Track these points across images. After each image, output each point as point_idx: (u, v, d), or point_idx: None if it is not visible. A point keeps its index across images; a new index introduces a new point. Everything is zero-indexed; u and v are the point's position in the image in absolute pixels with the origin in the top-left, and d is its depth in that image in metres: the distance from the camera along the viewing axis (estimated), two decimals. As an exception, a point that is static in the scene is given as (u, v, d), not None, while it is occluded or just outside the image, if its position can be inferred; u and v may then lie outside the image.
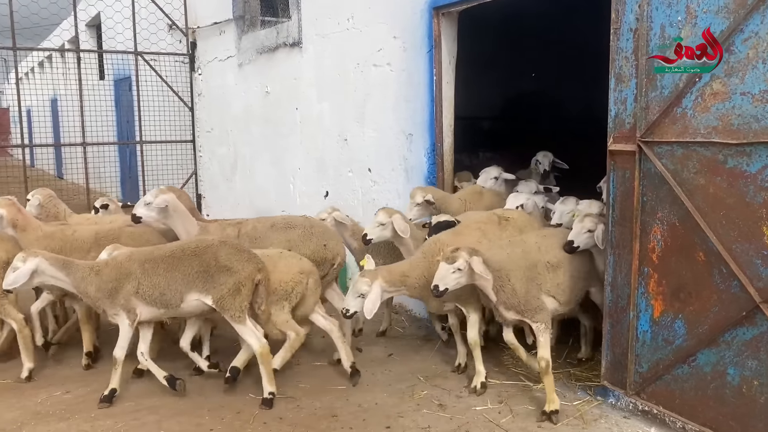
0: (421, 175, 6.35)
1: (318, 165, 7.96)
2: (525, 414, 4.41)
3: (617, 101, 4.21)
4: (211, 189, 11.11)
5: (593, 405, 4.51)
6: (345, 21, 7.16)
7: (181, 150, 11.43)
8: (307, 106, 8.08)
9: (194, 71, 11.08)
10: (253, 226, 5.43)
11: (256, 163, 9.54)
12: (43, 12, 10.66)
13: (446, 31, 6.01)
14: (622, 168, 4.24)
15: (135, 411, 4.48)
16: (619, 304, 4.37)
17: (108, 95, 14.54)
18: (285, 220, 5.50)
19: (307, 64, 7.97)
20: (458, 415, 4.39)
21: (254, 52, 9.14)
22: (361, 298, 4.38)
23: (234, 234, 5.35)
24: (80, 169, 11.25)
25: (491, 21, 7.64)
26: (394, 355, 5.55)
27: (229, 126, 10.17)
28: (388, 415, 4.42)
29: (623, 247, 4.29)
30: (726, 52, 3.61)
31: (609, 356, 4.50)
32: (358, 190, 7.21)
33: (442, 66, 6.04)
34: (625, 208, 4.24)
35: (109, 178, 14.77)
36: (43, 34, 19.66)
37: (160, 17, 10.90)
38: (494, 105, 11.26)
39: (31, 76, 24.46)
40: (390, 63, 6.59)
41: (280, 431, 4.23)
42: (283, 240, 5.27)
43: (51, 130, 20.88)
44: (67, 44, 18.19)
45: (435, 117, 6.13)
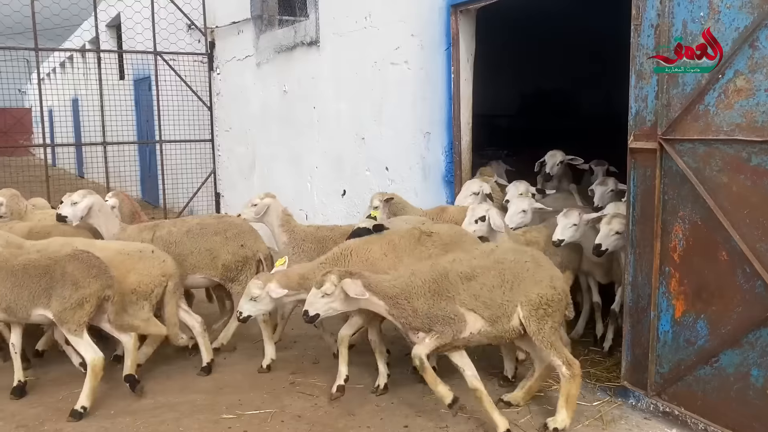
0: (439, 174, 6.33)
1: (335, 164, 7.96)
2: (544, 414, 4.37)
3: (638, 98, 4.16)
4: (229, 188, 11.17)
5: (613, 406, 4.46)
6: (362, 19, 7.15)
7: (200, 149, 11.51)
8: (325, 104, 8.08)
9: (213, 71, 11.15)
10: (168, 231, 5.43)
11: (274, 161, 9.57)
12: (64, 13, 10.78)
13: (464, 29, 5.98)
14: (643, 166, 4.19)
15: (154, 408, 4.52)
16: (639, 303, 4.32)
17: (128, 95, 14.69)
18: (200, 226, 5.46)
19: (325, 63, 7.98)
20: (477, 415, 4.36)
21: (272, 51, 9.17)
22: (253, 301, 4.37)
23: (148, 238, 5.36)
24: (101, 168, 11.37)
25: (510, 18, 7.59)
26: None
27: (247, 125, 10.22)
28: (406, 414, 4.40)
29: (644, 246, 4.23)
30: (750, 48, 3.55)
31: (629, 356, 4.44)
32: (376, 188, 7.19)
33: (460, 64, 6.01)
34: (646, 207, 4.18)
35: (129, 177, 14.91)
36: (64, 35, 19.91)
37: (179, 17, 10.98)
38: (512, 103, 11.21)
39: (52, 77, 24.77)
40: (408, 61, 6.58)
41: (298, 429, 4.23)
42: (201, 247, 5.31)
43: (72, 130, 21.15)
44: (87, 45, 18.41)
45: (453, 115, 6.10)
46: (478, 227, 4.91)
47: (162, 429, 4.25)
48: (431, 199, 6.36)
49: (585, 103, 11.28)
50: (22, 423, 4.34)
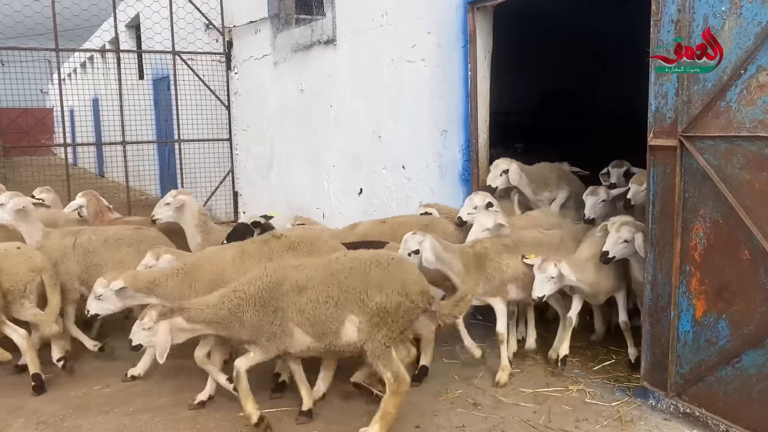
0: (456, 172, 6.30)
1: (352, 162, 7.96)
2: (561, 414, 4.34)
3: (658, 95, 4.10)
4: (247, 186, 11.22)
5: (632, 406, 4.41)
6: (379, 17, 7.14)
7: (218, 148, 11.57)
8: (342, 103, 8.08)
9: (230, 70, 11.20)
10: (88, 238, 5.41)
11: (291, 160, 9.59)
12: (84, 14, 10.90)
13: (481, 26, 5.94)
14: (663, 164, 4.13)
15: (172, 406, 4.55)
16: (659, 303, 4.26)
17: (147, 95, 14.81)
18: (116, 236, 5.44)
19: (342, 62, 7.98)
20: (493, 415, 4.34)
21: (289, 50, 9.19)
22: (98, 300, 4.42)
23: (70, 244, 5.35)
24: (120, 167, 11.47)
25: (527, 14, 7.53)
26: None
27: (264, 124, 10.25)
28: (422, 414, 4.39)
29: (664, 244, 4.17)
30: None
31: (649, 356, 4.39)
32: (392, 186, 7.19)
33: (478, 61, 5.98)
34: (666, 205, 4.13)
35: (148, 176, 15.03)
36: (84, 36, 20.14)
37: (197, 17, 11.04)
38: (530, 100, 11.12)
39: (73, 77, 25.06)
40: (424, 59, 6.55)
41: (314, 428, 4.23)
42: (114, 257, 5.28)
43: (92, 130, 21.39)
44: (107, 45, 18.58)
45: (470, 113, 6.07)
46: (413, 259, 4.59)
47: (180, 426, 4.28)
48: (448, 197, 6.34)
49: (603, 101, 11.16)
50: (42, 419, 4.40)
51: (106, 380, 5.00)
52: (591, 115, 10.60)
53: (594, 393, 4.63)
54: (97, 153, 21.44)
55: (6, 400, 4.67)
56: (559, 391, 4.68)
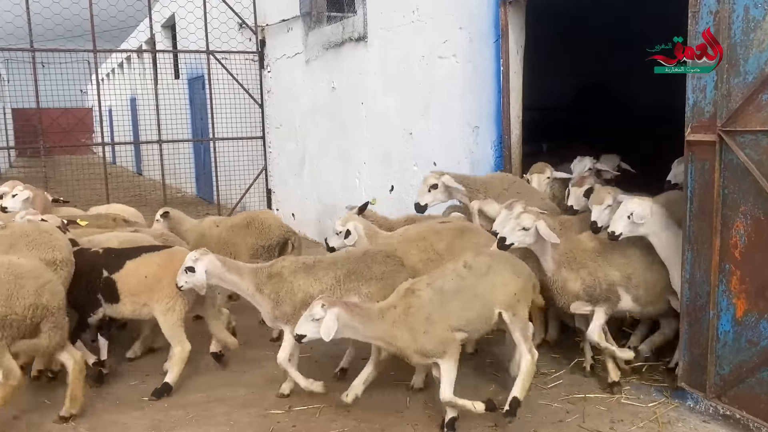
0: (488, 168, 6.24)
1: (383, 159, 7.95)
2: (596, 415, 4.26)
3: (696, 89, 3.99)
4: (280, 184, 11.31)
5: (669, 407, 4.30)
6: (410, 14, 7.11)
7: (251, 146, 11.69)
8: (373, 100, 8.08)
9: (263, 68, 11.29)
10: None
11: (322, 158, 9.63)
12: (120, 15, 11.11)
13: (513, 21, 5.87)
14: (701, 159, 4.02)
15: (206, 402, 4.60)
16: (697, 302, 4.15)
17: (182, 94, 15.03)
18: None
19: (373, 59, 7.97)
20: (527, 415, 4.28)
21: (321, 48, 9.22)
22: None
23: None
24: (157, 165, 11.68)
25: (560, 7, 7.40)
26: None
27: (297, 122, 10.31)
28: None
29: (702, 242, 4.06)
30: (818, 33, 3.35)
31: (687, 357, 4.28)
32: (424, 184, 7.15)
33: (510, 56, 5.91)
34: (705, 202, 4.01)
35: (184, 174, 15.25)
36: (121, 37, 20.53)
37: (230, 16, 11.16)
38: (563, 95, 10.95)
39: (111, 77, 25.58)
40: (456, 54, 6.50)
41: (346, 425, 4.24)
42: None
43: (130, 129, 21.81)
44: (144, 45, 18.91)
45: (502, 108, 6.00)
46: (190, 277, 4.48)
47: (213, 422, 4.33)
48: (480, 194, 6.27)
49: (639, 95, 10.92)
50: (80, 413, 4.49)
51: (142, 377, 5.08)
52: (627, 109, 10.39)
53: (630, 393, 4.53)
54: (134, 151, 21.86)
55: (46, 394, 4.79)
56: (593, 391, 4.60)
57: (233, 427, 4.20)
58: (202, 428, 4.26)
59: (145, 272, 4.68)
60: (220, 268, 4.44)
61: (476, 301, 4.01)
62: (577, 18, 8.65)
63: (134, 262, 4.72)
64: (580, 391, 4.61)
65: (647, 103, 10.30)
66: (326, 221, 9.69)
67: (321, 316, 3.77)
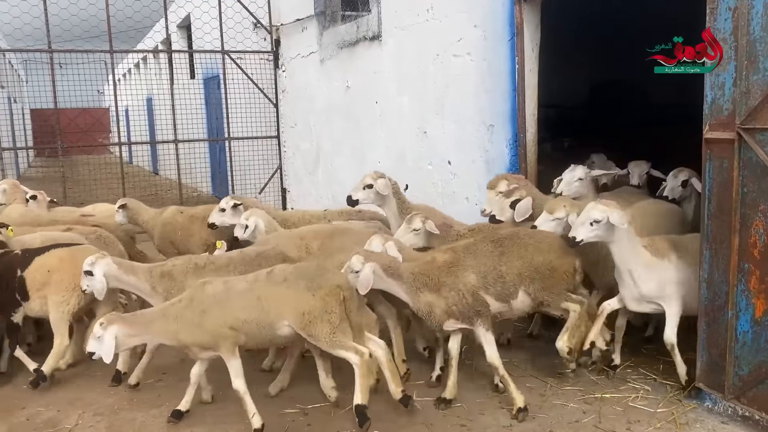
0: (503, 167, 6.20)
1: (397, 158, 7.94)
2: (612, 416, 4.23)
3: (714, 86, 3.94)
4: (295, 183, 11.34)
5: (687, 408, 4.26)
6: (424, 12, 7.09)
7: (266, 145, 11.73)
8: (387, 99, 8.07)
9: (278, 68, 11.32)
10: None
11: (337, 156, 9.64)
12: (136, 15, 11.18)
13: (529, 18, 5.83)
14: (720, 157, 3.97)
15: (221, 401, 4.62)
16: (715, 302, 4.11)
17: (198, 94, 15.11)
18: None
19: (387, 57, 7.96)
20: (542, 415, 4.27)
21: (335, 47, 9.22)
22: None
23: None
24: (173, 164, 11.76)
25: (576, 3, 7.35)
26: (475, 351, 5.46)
27: (311, 121, 10.33)
28: (469, 412, 4.35)
29: (720, 241, 4.02)
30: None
31: (705, 357, 4.24)
32: (438, 183, 7.14)
33: (525, 54, 5.87)
34: (723, 201, 3.97)
35: (200, 173, 15.33)
36: (137, 37, 20.68)
37: (245, 16, 11.20)
38: (580, 92, 10.89)
39: (128, 77, 25.78)
40: (470, 53, 6.47)
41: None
42: None
43: (147, 128, 21.97)
44: (159, 45, 19.04)
45: (517, 107, 5.97)
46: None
47: (229, 421, 4.35)
48: (495, 193, 6.25)
49: (655, 93, 10.82)
50: (99, 411, 4.54)
51: (158, 375, 5.11)
52: (644, 107, 10.31)
53: (647, 394, 4.50)
54: (151, 151, 22.00)
55: (65, 393, 4.85)
56: (609, 391, 4.56)
57: (249, 425, 4.21)
58: (219, 427, 4.29)
59: (48, 267, 4.81)
60: (116, 271, 4.56)
61: (257, 306, 4.02)
62: (594, 14, 8.59)
63: (41, 258, 4.86)
64: (596, 391, 4.58)
65: (664, 100, 10.22)
66: (341, 220, 9.70)
67: (100, 335, 3.96)
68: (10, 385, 5.02)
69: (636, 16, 9.05)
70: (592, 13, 8.48)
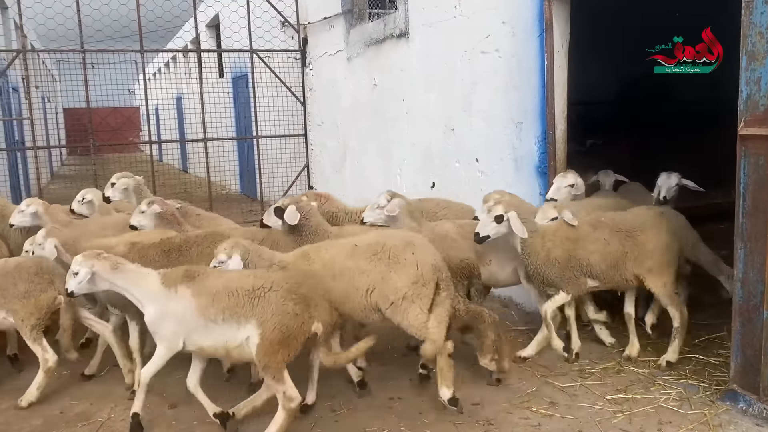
0: (532, 165, 6.15)
1: (424, 156, 7.92)
2: (643, 417, 4.17)
3: (749, 81, 3.86)
4: (322, 181, 11.39)
5: (720, 410, 4.18)
6: (452, 9, 7.05)
7: (294, 144, 11.79)
8: (414, 96, 8.05)
9: (305, 66, 11.37)
10: None
11: (363, 155, 9.65)
12: (167, 15, 11.32)
13: (558, 14, 5.76)
14: (755, 154, 3.88)
15: (240, 400, 4.64)
16: (750, 301, 4.02)
17: (227, 92, 15.27)
18: None
19: (414, 55, 7.95)
20: (569, 415, 4.22)
21: (362, 45, 9.23)
22: None
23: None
24: (202, 163, 11.88)
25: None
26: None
27: (338, 119, 10.36)
28: (496, 411, 4.32)
29: (756, 240, 3.93)
30: None
31: (739, 358, 4.15)
32: (465, 180, 7.11)
33: (554, 50, 5.80)
34: (759, 199, 3.88)
35: (229, 171, 15.50)
36: (167, 37, 20.96)
37: (273, 15, 11.26)
38: (610, 88, 10.72)
39: (158, 76, 26.11)
40: (498, 49, 6.42)
41: (387, 420, 4.25)
42: None
43: (176, 127, 22.24)
44: (189, 45, 19.27)
45: (546, 103, 5.91)
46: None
47: (257, 416, 4.38)
48: (524, 190, 6.19)
49: (688, 88, 10.63)
50: (130, 405, 4.59)
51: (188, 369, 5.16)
52: (676, 103, 10.12)
53: (679, 394, 4.42)
54: (180, 149, 22.28)
55: (97, 387, 4.94)
56: (640, 392, 4.50)
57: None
58: (246, 422, 4.32)
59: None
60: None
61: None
62: (625, 8, 8.46)
63: None
64: (627, 391, 4.52)
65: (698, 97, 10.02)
66: (368, 218, 9.71)
67: None
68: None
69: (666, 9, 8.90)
70: (621, 7, 8.35)
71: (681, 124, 8.86)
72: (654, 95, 10.36)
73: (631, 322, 5.06)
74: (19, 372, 5.21)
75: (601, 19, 7.78)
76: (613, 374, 4.80)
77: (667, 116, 9.63)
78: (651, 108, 10.13)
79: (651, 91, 10.41)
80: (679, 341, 4.83)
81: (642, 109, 10.16)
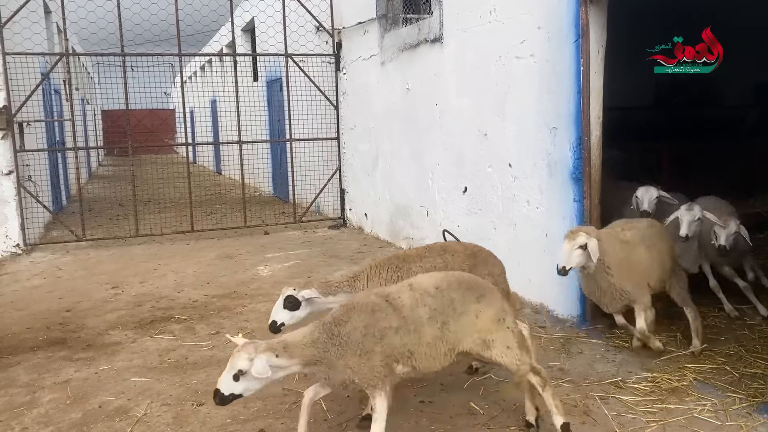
0: (566, 171, 6.12)
1: (457, 160, 7.93)
2: (676, 426, 4.11)
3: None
4: (353, 184, 11.46)
5: (758, 422, 4.10)
6: (487, 14, 7.06)
7: (326, 147, 11.90)
8: (447, 101, 8.07)
9: (339, 71, 11.47)
10: None
11: (396, 158, 9.70)
12: (204, 20, 11.55)
13: (595, 19, 5.73)
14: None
15: (282, 396, 4.71)
16: (790, 313, 3.94)
17: (261, 96, 15.46)
18: None
19: (448, 59, 7.97)
20: (602, 423, 4.18)
21: (396, 49, 9.28)
22: None
23: None
24: (236, 165, 12.06)
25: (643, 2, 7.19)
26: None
27: (371, 123, 10.42)
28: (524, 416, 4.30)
29: (797, 250, 3.86)
30: None
31: (777, 370, 4.08)
32: (498, 185, 7.09)
33: (590, 55, 5.77)
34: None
35: (262, 173, 15.67)
36: (204, 40, 21.31)
37: (308, 20, 11.40)
38: (646, 93, 10.60)
39: (194, 79, 26.55)
40: (533, 54, 6.41)
41: (419, 423, 4.26)
42: None
43: (211, 129, 22.58)
44: (225, 49, 19.56)
45: (582, 109, 5.87)
46: None
47: (290, 415, 4.43)
48: (557, 196, 6.18)
49: (730, 92, 10.45)
50: (166, 402, 4.71)
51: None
52: (716, 107, 9.97)
53: (714, 405, 4.35)
54: (215, 151, 22.60)
55: (135, 383, 5.05)
56: (674, 402, 4.44)
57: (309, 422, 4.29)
58: (279, 420, 4.39)
59: None
60: None
61: None
62: (662, 10, 8.36)
63: None
64: (662, 401, 4.46)
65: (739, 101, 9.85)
66: (398, 221, 9.75)
67: None
68: (82, 373, 5.27)
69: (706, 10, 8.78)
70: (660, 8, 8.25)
71: (727, 128, 8.73)
72: (693, 99, 10.23)
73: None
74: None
75: (640, 19, 7.71)
76: (647, 383, 4.74)
77: (711, 120, 9.49)
78: (694, 113, 10.00)
79: (689, 95, 10.30)
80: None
81: (681, 113, 10.03)
